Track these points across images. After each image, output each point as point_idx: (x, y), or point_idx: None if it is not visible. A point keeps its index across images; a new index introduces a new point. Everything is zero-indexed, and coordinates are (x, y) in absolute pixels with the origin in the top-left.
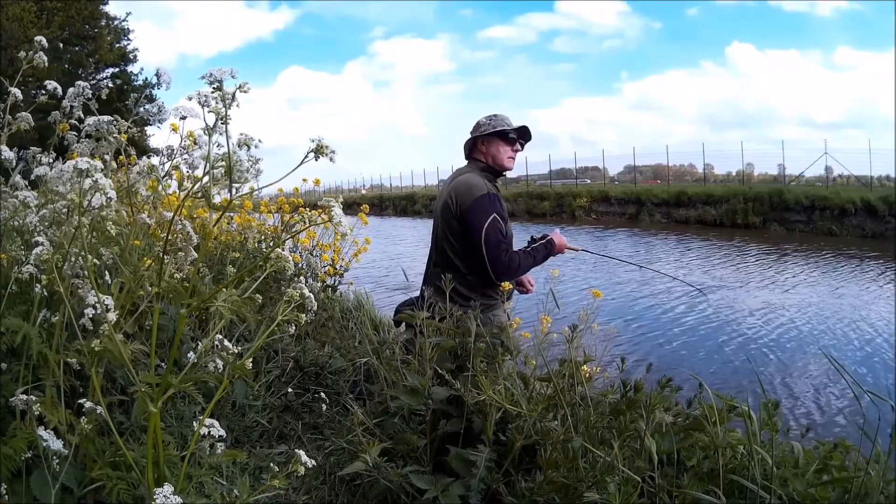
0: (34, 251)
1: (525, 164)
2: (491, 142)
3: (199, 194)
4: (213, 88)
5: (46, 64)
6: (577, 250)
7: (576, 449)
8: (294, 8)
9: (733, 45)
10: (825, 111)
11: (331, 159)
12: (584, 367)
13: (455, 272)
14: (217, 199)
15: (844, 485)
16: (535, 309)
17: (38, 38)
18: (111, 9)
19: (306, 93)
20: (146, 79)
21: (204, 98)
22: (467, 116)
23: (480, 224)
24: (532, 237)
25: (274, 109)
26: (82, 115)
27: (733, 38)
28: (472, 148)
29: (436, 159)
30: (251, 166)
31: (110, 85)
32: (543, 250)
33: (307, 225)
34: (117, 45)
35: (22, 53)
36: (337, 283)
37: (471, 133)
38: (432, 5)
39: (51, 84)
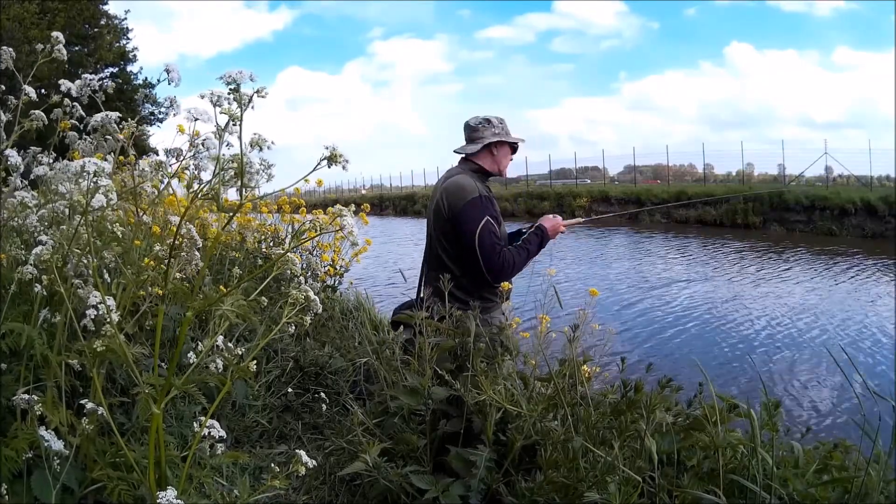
0: (34, 251)
1: (525, 164)
2: (501, 148)
3: (208, 196)
4: (230, 90)
5: (66, 57)
6: (578, 223)
7: (576, 449)
8: (293, 8)
9: (732, 46)
10: (825, 111)
11: (343, 167)
12: (584, 367)
13: (450, 274)
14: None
15: (844, 485)
16: (535, 308)
17: (55, 33)
18: (111, 8)
19: (305, 93)
20: (146, 78)
21: (216, 98)
22: (466, 116)
23: (474, 227)
24: (520, 230)
25: (273, 110)
26: (83, 114)
27: (732, 39)
28: (480, 146)
29: (435, 159)
30: (263, 170)
31: (110, 84)
32: (536, 239)
33: (318, 233)
34: (117, 44)
35: (39, 46)
36: (337, 283)
37: (481, 126)
38: (431, 6)
39: (65, 84)
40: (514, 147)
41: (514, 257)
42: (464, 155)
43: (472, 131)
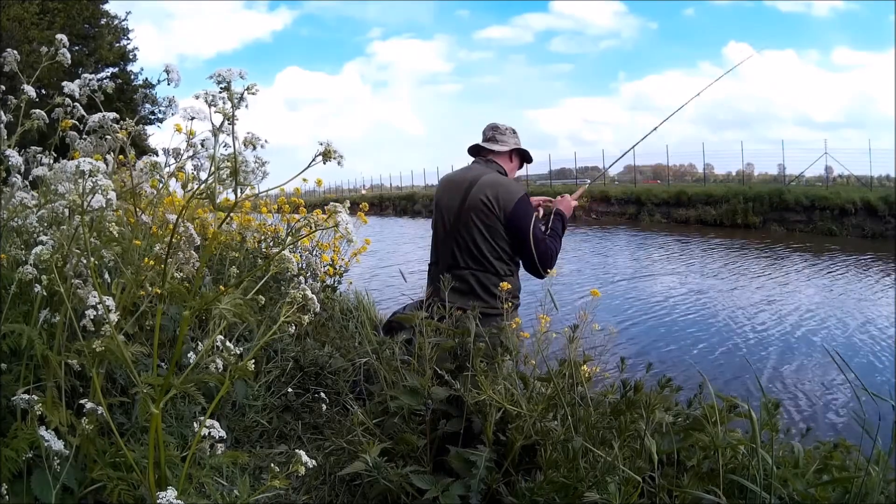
0: (34, 251)
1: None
2: (517, 158)
3: (204, 195)
4: (221, 88)
5: (70, 61)
6: (582, 193)
7: (576, 449)
8: (292, 9)
9: (730, 45)
10: (824, 111)
11: (339, 163)
12: (584, 367)
13: (493, 273)
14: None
15: (844, 485)
16: (534, 309)
17: (59, 36)
18: (111, 8)
19: (305, 93)
20: (146, 78)
21: (211, 97)
22: (465, 116)
23: (527, 225)
24: (540, 217)
25: (272, 110)
26: (84, 114)
27: (730, 39)
28: (506, 148)
29: (434, 159)
30: (258, 167)
31: (110, 84)
32: (560, 223)
33: (313, 230)
34: (117, 44)
35: (43, 49)
36: (337, 283)
37: (508, 132)
38: (429, 6)
39: (68, 87)
40: (522, 162)
41: (555, 246)
42: (483, 153)
43: (498, 133)
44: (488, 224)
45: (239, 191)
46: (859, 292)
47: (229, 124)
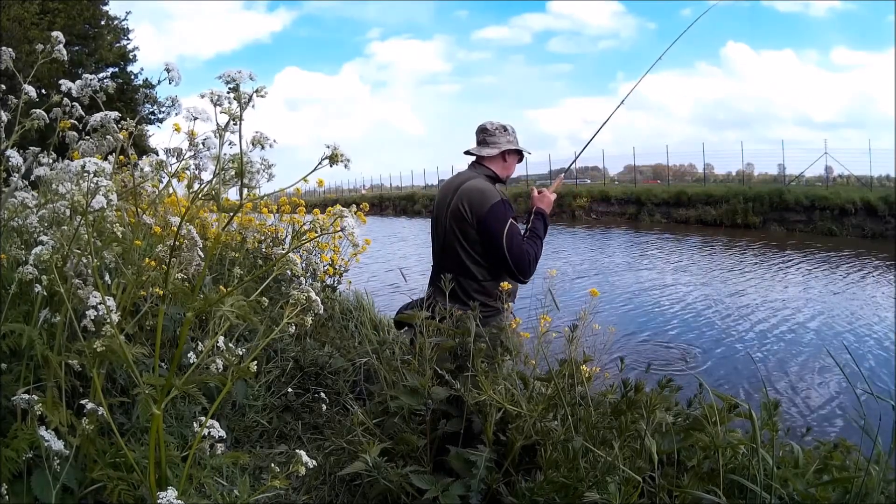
0: (34, 251)
1: (525, 164)
2: (511, 156)
3: (209, 196)
4: (230, 89)
5: (66, 57)
6: (560, 184)
7: (576, 449)
8: (291, 10)
9: (728, 46)
10: (824, 111)
11: (346, 166)
12: (584, 367)
13: (471, 279)
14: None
15: (845, 485)
16: (535, 308)
17: (55, 33)
18: (111, 9)
19: (304, 94)
20: (146, 79)
21: (217, 97)
22: (465, 116)
23: (500, 231)
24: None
25: (272, 110)
26: (83, 114)
27: (728, 39)
28: (497, 151)
29: (434, 159)
30: (263, 169)
31: (111, 83)
32: (541, 224)
33: (319, 234)
34: (117, 44)
35: (39, 46)
36: (337, 283)
37: (498, 132)
38: (428, 6)
39: (65, 85)
40: (521, 157)
41: (534, 249)
42: (475, 157)
43: (488, 135)
44: (464, 231)
45: (244, 192)
46: (836, 287)
47: (235, 125)
